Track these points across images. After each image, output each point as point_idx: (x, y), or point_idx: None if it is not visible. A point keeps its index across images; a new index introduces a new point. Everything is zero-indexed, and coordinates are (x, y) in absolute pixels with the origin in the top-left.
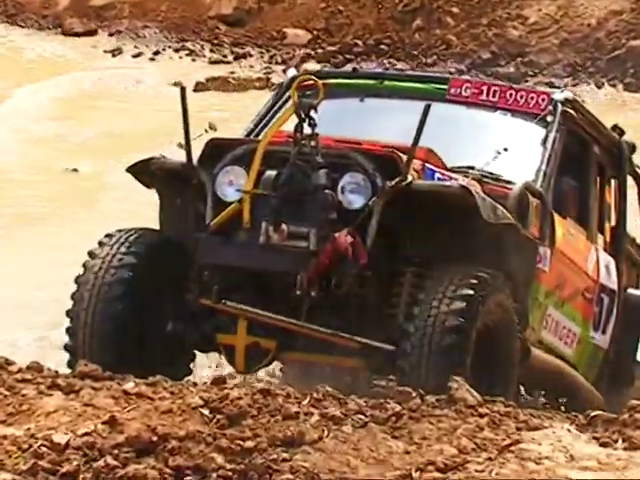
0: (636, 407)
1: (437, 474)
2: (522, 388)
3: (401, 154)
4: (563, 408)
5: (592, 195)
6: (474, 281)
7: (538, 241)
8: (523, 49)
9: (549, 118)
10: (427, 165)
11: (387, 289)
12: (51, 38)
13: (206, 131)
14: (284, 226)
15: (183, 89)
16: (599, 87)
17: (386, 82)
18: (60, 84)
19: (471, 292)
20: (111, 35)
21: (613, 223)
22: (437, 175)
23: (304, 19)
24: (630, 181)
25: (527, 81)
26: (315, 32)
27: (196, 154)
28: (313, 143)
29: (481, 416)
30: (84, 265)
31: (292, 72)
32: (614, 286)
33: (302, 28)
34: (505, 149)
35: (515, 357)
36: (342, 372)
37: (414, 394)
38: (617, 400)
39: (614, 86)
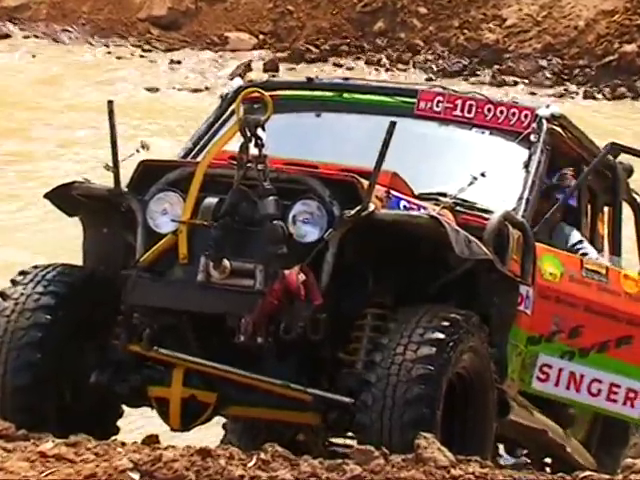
0: (632, 467)
1: None
2: (501, 446)
3: (362, 179)
4: (549, 469)
5: (582, 225)
6: (445, 324)
7: (519, 279)
8: (500, 55)
9: (533, 137)
10: (392, 192)
11: (345, 333)
12: None
13: (137, 151)
14: (226, 262)
15: (110, 103)
16: (587, 98)
17: (345, 95)
18: None
19: (441, 336)
20: (26, 38)
21: None
22: (403, 203)
23: (249, 21)
24: (627, 209)
25: (498, 85)
26: (262, 36)
27: (126, 177)
28: (260, 166)
29: (454, 478)
30: None
31: (237, 82)
32: None
33: (246, 31)
34: (482, 173)
35: (492, 411)
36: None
37: (376, 453)
38: (609, 460)
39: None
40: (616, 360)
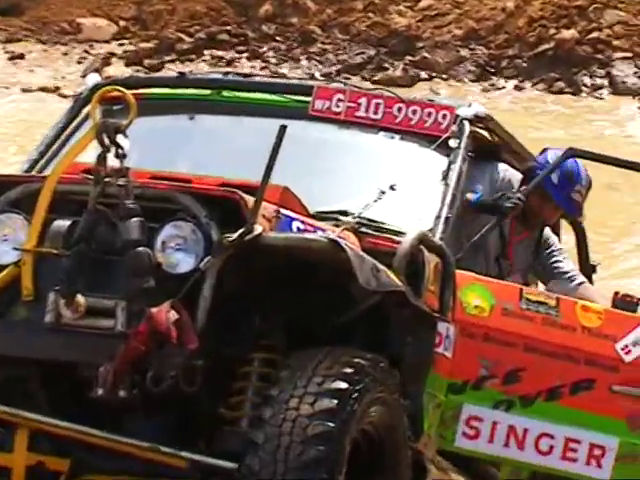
0: None
1: None
2: None
3: (245, 195)
4: None
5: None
6: (348, 370)
7: (437, 315)
8: (413, 44)
9: (452, 142)
10: (282, 210)
11: (227, 384)
12: None
13: None
14: (80, 298)
15: None
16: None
17: (225, 93)
18: None
19: (344, 386)
20: None
21: None
22: (296, 224)
23: (107, 5)
24: (566, 227)
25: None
26: (122, 23)
27: None
28: (122, 180)
29: None
30: None
31: (92, 79)
32: None
33: (104, 17)
34: (391, 186)
35: (405, 475)
36: None
37: None
38: None
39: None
40: (572, 409)
